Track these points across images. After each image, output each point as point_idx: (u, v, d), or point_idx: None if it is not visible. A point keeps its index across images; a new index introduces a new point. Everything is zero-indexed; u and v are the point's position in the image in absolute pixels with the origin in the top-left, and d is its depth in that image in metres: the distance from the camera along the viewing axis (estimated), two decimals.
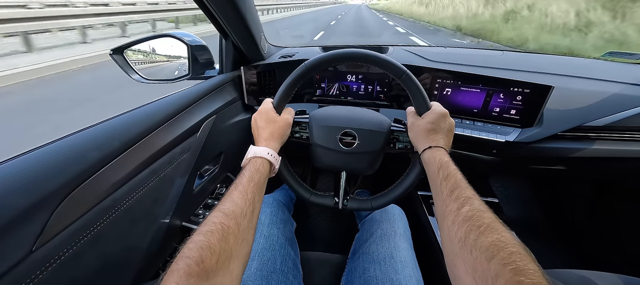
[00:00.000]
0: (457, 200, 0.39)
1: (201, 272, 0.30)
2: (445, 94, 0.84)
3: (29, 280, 0.36)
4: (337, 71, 0.92)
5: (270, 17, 17.07)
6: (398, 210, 0.79)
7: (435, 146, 0.51)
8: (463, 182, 0.42)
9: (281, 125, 0.58)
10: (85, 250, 0.44)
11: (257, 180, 0.47)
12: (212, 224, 0.36)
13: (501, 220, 0.34)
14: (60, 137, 0.46)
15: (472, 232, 0.33)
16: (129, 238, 0.55)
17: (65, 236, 0.41)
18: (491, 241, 0.30)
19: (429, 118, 0.54)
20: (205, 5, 0.67)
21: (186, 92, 0.71)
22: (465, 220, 0.35)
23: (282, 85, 0.59)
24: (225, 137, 0.86)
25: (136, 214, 0.55)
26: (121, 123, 0.53)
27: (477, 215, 0.34)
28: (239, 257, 0.37)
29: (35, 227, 0.37)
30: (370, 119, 0.65)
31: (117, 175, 0.49)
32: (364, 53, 0.56)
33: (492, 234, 0.31)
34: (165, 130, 0.60)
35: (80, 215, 0.43)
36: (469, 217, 0.35)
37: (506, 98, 0.79)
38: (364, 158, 0.65)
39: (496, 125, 0.83)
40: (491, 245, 0.30)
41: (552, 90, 0.73)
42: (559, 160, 0.87)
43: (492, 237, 0.31)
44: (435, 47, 1.12)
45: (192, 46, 0.83)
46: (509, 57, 1.01)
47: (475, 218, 0.34)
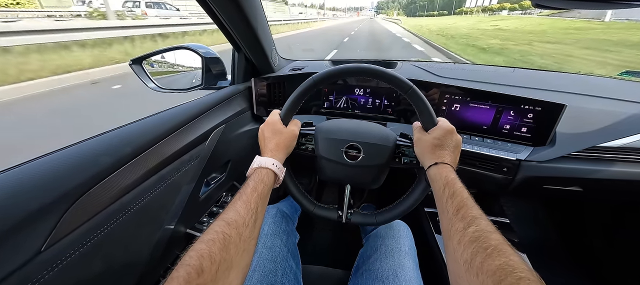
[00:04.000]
0: (463, 219, 0.38)
1: (201, 282, 0.30)
2: (454, 109, 0.83)
3: (36, 279, 0.37)
4: (345, 84, 0.93)
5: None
6: (404, 226, 0.78)
7: (441, 162, 0.50)
8: (470, 201, 0.41)
9: (287, 137, 0.59)
10: (91, 253, 0.45)
11: (260, 191, 0.47)
12: (214, 233, 0.36)
13: (509, 243, 0.33)
14: (76, 142, 0.48)
15: (479, 254, 0.32)
16: (134, 242, 0.56)
17: (74, 238, 0.42)
18: (498, 265, 0.29)
19: (435, 134, 0.54)
20: (219, 19, 0.70)
21: (198, 102, 0.73)
22: (471, 241, 0.34)
23: (290, 98, 0.60)
24: (234, 146, 0.88)
25: (143, 219, 0.56)
26: (134, 130, 0.55)
27: (484, 237, 0.34)
28: (239, 268, 0.37)
29: (46, 227, 0.38)
30: (375, 133, 0.65)
31: (127, 180, 0.50)
32: (371, 68, 0.57)
33: (499, 257, 0.30)
34: (175, 137, 0.62)
35: (89, 217, 0.44)
36: (476, 238, 0.34)
37: (517, 115, 0.77)
38: (368, 172, 0.64)
39: (506, 142, 0.81)
40: (498, 269, 0.29)
41: (564, 108, 0.71)
42: (573, 180, 0.83)
43: (499, 260, 0.30)
44: (444, 63, 1.12)
45: (206, 58, 0.87)
46: (519, 74, 0.99)
47: (482, 239, 0.33)
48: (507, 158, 0.78)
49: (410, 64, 1.07)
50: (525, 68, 1.08)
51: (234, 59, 0.93)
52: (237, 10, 0.67)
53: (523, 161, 0.78)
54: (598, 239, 1.17)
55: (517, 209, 1.29)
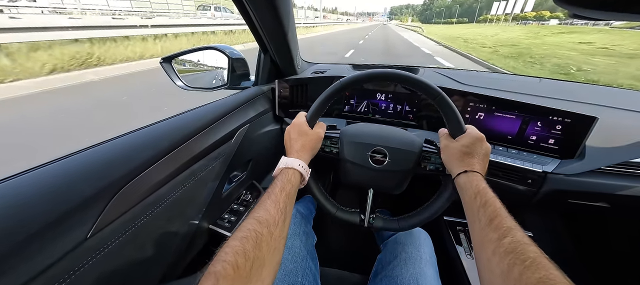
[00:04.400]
0: (497, 229, 0.37)
1: (237, 277, 0.31)
2: (478, 118, 0.82)
3: (81, 265, 0.39)
4: (367, 88, 0.93)
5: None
6: (424, 234, 0.77)
7: (470, 171, 0.49)
8: (503, 211, 0.40)
9: (313, 139, 0.59)
10: (128, 243, 0.47)
11: (288, 190, 0.47)
12: (247, 231, 0.37)
13: (547, 256, 0.32)
14: (122, 134, 0.50)
15: (516, 266, 0.31)
16: (163, 235, 0.58)
17: (115, 227, 0.44)
18: (539, 278, 0.29)
19: (464, 141, 0.53)
20: (252, 21, 0.72)
21: (225, 101, 0.76)
22: (507, 252, 0.33)
23: (317, 100, 0.61)
24: (255, 146, 0.90)
25: (173, 212, 0.58)
26: (171, 125, 0.58)
27: (522, 248, 0.33)
28: (271, 266, 0.38)
29: (93, 215, 0.40)
30: (401, 138, 0.65)
31: (162, 174, 0.52)
32: (399, 74, 0.57)
33: (539, 270, 0.30)
34: (205, 135, 0.64)
35: (129, 208, 0.46)
36: (512, 249, 0.33)
37: (544, 126, 0.76)
38: (393, 177, 0.64)
39: (532, 153, 0.80)
40: (539, 283, 0.28)
41: (596, 121, 0.69)
42: (601, 196, 0.80)
43: (539, 273, 0.29)
44: (468, 70, 1.11)
45: (232, 58, 0.89)
46: (547, 85, 0.97)
47: (519, 251, 0.33)
48: (533, 169, 0.76)
49: (433, 71, 1.06)
50: (552, 79, 1.05)
51: (259, 60, 0.95)
52: (272, 14, 0.69)
53: (549, 173, 0.76)
54: (623, 258, 1.12)
55: (540, 222, 1.25)
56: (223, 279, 0.30)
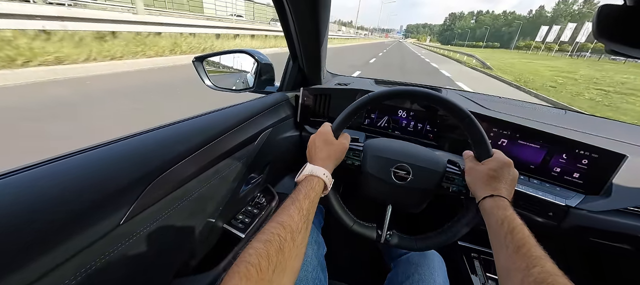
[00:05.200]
0: (526, 258, 0.36)
1: (259, 280, 0.31)
2: (500, 144, 0.82)
3: (112, 250, 0.40)
4: (389, 104, 0.94)
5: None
6: (438, 257, 0.75)
7: (497, 195, 0.49)
8: (531, 239, 0.39)
9: (338, 149, 0.60)
10: (153, 232, 0.48)
11: (312, 198, 0.48)
12: (270, 234, 0.37)
13: None
14: (157, 127, 0.52)
15: None
16: (184, 229, 0.58)
17: (145, 216, 0.45)
18: None
19: (491, 165, 0.53)
20: (289, 29, 0.74)
21: (252, 104, 0.78)
22: (536, 283, 0.33)
23: (344, 112, 0.62)
24: (274, 150, 0.91)
25: (195, 207, 0.59)
26: (202, 122, 0.59)
27: (552, 280, 0.32)
28: (292, 272, 0.38)
29: (127, 202, 0.42)
30: (426, 157, 0.65)
31: (191, 169, 0.54)
32: (429, 93, 0.58)
33: None
34: (233, 135, 0.66)
35: (159, 199, 0.47)
36: (542, 280, 0.33)
37: (569, 159, 0.74)
38: (414, 195, 0.64)
39: (555, 186, 0.78)
40: None
41: (625, 159, 0.68)
42: (625, 237, 0.77)
43: None
44: (491, 95, 1.10)
45: (261, 63, 0.92)
46: (572, 118, 0.96)
47: (549, 282, 0.32)
48: (555, 202, 0.74)
49: (455, 92, 1.07)
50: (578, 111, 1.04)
51: (287, 66, 0.98)
52: (311, 22, 0.71)
53: (572, 208, 0.74)
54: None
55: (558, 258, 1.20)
56: (246, 279, 0.30)
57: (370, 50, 22.31)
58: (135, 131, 0.50)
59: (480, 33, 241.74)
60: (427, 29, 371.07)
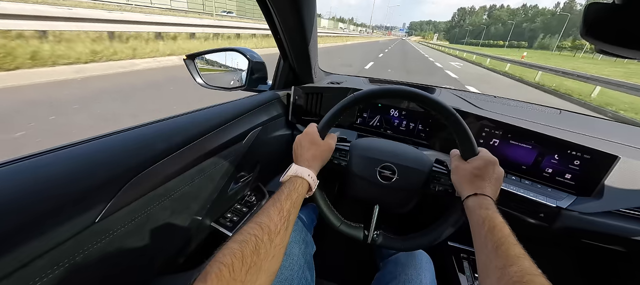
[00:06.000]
0: (504, 257, 0.36)
1: (231, 280, 0.31)
2: (492, 144, 0.81)
3: (86, 248, 0.40)
4: (381, 103, 0.94)
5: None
6: (426, 257, 0.75)
7: (481, 194, 0.48)
8: (511, 238, 0.39)
9: (324, 150, 0.59)
10: (133, 231, 0.48)
11: (294, 199, 0.47)
12: (247, 235, 0.37)
13: None
14: (138, 125, 0.52)
15: None
16: (166, 227, 0.58)
17: (123, 214, 0.45)
18: None
19: (475, 164, 0.52)
20: (276, 27, 0.74)
21: (241, 102, 0.77)
22: (513, 282, 0.32)
23: (329, 112, 0.61)
24: (265, 149, 0.91)
25: (178, 206, 0.59)
26: (185, 121, 0.59)
27: (529, 279, 0.32)
28: (268, 273, 0.37)
29: (102, 201, 0.42)
30: (412, 156, 0.64)
31: (173, 167, 0.53)
32: (413, 91, 0.57)
33: None
34: (219, 133, 0.65)
35: (138, 197, 0.47)
36: (518, 279, 0.32)
37: (561, 160, 0.73)
38: (400, 194, 0.64)
39: (546, 187, 0.77)
40: None
41: (617, 160, 0.67)
42: (617, 239, 0.76)
43: None
44: (485, 95, 1.09)
45: (252, 61, 0.92)
46: (566, 118, 0.94)
47: (525, 282, 0.31)
48: (547, 203, 0.74)
49: (449, 92, 1.05)
50: (572, 112, 1.02)
51: (278, 65, 0.97)
52: (295, 20, 0.70)
53: (564, 209, 0.73)
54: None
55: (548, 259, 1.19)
56: (217, 280, 0.30)
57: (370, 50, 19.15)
58: (115, 129, 0.50)
59: (495, 30, 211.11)
60: (431, 26, 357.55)
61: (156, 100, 3.57)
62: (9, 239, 0.31)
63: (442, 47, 46.17)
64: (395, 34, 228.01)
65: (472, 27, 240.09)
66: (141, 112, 3.04)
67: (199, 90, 1.02)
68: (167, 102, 3.46)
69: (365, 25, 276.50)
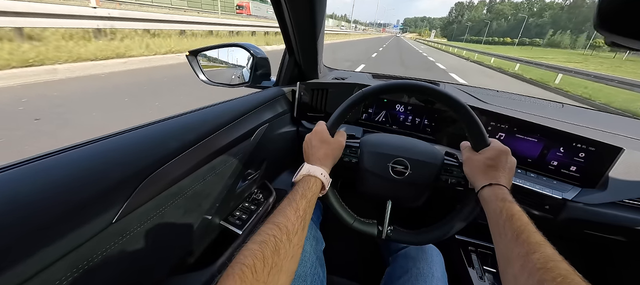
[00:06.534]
0: (525, 244, 0.36)
1: (254, 281, 0.31)
2: (498, 138, 0.82)
3: (105, 249, 0.39)
4: (386, 99, 0.93)
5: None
6: (436, 251, 0.75)
7: (495, 184, 0.48)
8: (531, 226, 0.39)
9: (335, 147, 0.59)
10: (148, 230, 0.47)
11: (309, 198, 0.47)
12: (266, 236, 0.36)
13: (580, 275, 0.31)
14: (150, 123, 0.51)
15: (547, 283, 0.30)
16: (179, 226, 0.58)
17: (138, 214, 0.44)
18: None
19: (488, 154, 0.52)
20: (285, 22, 0.72)
21: (248, 99, 0.76)
22: (537, 269, 0.32)
23: (338, 109, 0.60)
24: (270, 146, 0.90)
25: (190, 204, 0.58)
26: (196, 118, 0.58)
27: (553, 265, 0.32)
28: (288, 273, 0.37)
29: (120, 200, 0.41)
30: (423, 150, 0.64)
31: (186, 166, 0.52)
32: (421, 85, 0.57)
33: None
34: (228, 130, 0.64)
35: (153, 196, 0.46)
36: (542, 266, 0.32)
37: (566, 153, 0.74)
38: (413, 189, 0.64)
39: (552, 179, 0.78)
40: None
41: (622, 152, 0.68)
42: (619, 229, 0.78)
43: None
44: (488, 89, 1.10)
45: (256, 57, 0.90)
46: (569, 111, 0.96)
47: (550, 267, 0.31)
48: (552, 196, 0.75)
49: (453, 87, 1.06)
50: (575, 105, 1.04)
51: (283, 61, 0.96)
52: (307, 15, 0.69)
53: (569, 201, 0.74)
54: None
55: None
56: (240, 281, 0.30)
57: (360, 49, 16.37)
58: (127, 128, 0.48)
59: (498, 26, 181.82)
60: (426, 23, 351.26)
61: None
62: (30, 241, 0.31)
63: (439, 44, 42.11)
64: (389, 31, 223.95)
65: (471, 22, 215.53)
66: None
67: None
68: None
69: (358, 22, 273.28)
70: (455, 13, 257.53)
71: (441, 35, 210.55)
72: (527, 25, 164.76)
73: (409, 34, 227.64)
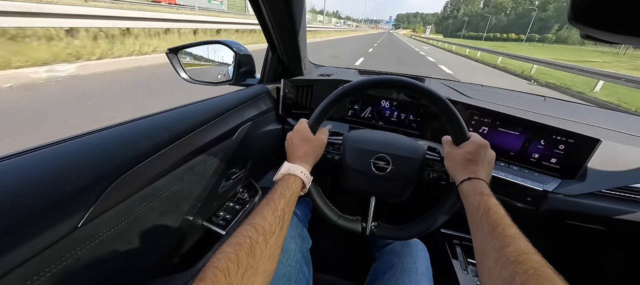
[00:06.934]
0: (500, 238, 0.36)
1: (227, 284, 0.30)
2: (481, 132, 0.82)
3: (69, 255, 0.38)
4: (371, 95, 0.93)
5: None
6: (421, 245, 0.76)
7: (474, 178, 0.49)
8: (507, 219, 0.40)
9: (316, 145, 0.59)
10: (120, 234, 0.46)
11: (288, 197, 0.47)
12: (242, 237, 0.36)
13: (552, 266, 0.31)
14: (120, 123, 0.49)
15: (519, 276, 0.30)
16: (157, 229, 0.56)
17: (107, 217, 0.43)
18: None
19: (468, 148, 0.53)
20: (264, 19, 0.71)
21: (229, 97, 0.75)
22: (510, 262, 0.33)
23: (319, 106, 0.60)
24: (255, 145, 0.89)
25: (168, 206, 0.56)
26: (170, 117, 0.56)
27: (525, 258, 0.32)
28: (265, 274, 0.37)
29: (85, 204, 0.39)
30: (405, 145, 0.64)
31: (161, 166, 0.51)
32: (404, 80, 0.56)
33: (541, 281, 0.29)
34: (207, 129, 0.63)
35: (124, 199, 0.45)
36: (515, 259, 0.32)
37: (547, 145, 0.76)
38: (395, 184, 0.64)
39: (533, 171, 0.79)
40: None
41: (599, 143, 0.69)
42: (598, 219, 0.80)
43: (541, 283, 0.29)
44: (473, 84, 1.11)
45: (239, 54, 0.89)
46: (551, 104, 0.97)
47: (522, 260, 0.32)
48: (533, 187, 0.76)
49: (439, 82, 1.06)
50: (556, 98, 1.06)
51: (266, 58, 0.94)
52: (284, 11, 0.68)
53: (550, 193, 0.75)
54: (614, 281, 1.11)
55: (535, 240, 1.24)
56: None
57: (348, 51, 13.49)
58: (96, 128, 0.46)
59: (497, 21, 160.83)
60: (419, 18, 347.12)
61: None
62: None
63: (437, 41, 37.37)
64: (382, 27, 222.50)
65: (468, 17, 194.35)
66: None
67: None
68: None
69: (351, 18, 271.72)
70: (451, 8, 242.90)
71: (436, 32, 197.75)
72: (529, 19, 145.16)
73: (402, 30, 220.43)
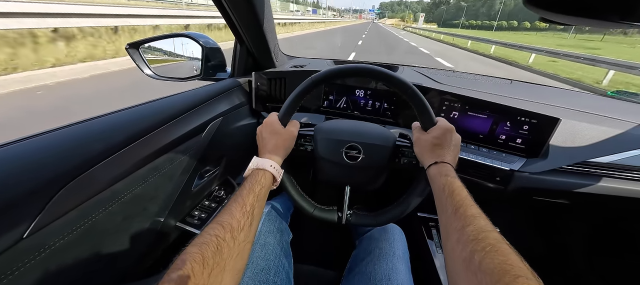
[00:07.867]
0: (462, 218, 0.38)
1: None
2: (452, 117, 0.84)
3: (16, 268, 0.35)
4: (346, 85, 0.93)
5: None
6: (398, 230, 0.78)
7: (440, 161, 0.50)
8: (468, 200, 0.41)
9: (286, 138, 0.58)
10: (76, 242, 0.43)
11: (257, 192, 0.46)
12: (208, 236, 0.35)
13: (508, 242, 0.32)
14: (67, 125, 0.46)
15: (477, 253, 0.32)
16: (122, 233, 0.54)
17: (59, 225, 0.40)
18: (497, 263, 0.29)
19: (434, 133, 0.54)
20: (226, 11, 0.68)
21: (196, 92, 0.72)
22: (470, 240, 0.34)
23: (288, 98, 0.59)
24: (229, 140, 0.86)
25: (132, 209, 0.54)
26: (127, 117, 0.53)
27: (483, 236, 0.33)
28: (234, 271, 0.36)
29: (31, 213, 0.36)
30: (375, 133, 0.65)
31: (119, 169, 0.48)
32: (371, 68, 0.56)
33: (498, 256, 0.30)
34: (171, 127, 0.60)
35: (77, 204, 0.42)
36: (474, 237, 0.34)
37: (513, 126, 0.79)
38: (368, 172, 0.64)
39: (501, 152, 0.83)
40: (497, 268, 0.29)
41: (559, 122, 0.73)
42: (562, 193, 0.86)
43: (498, 259, 0.30)
44: (445, 70, 1.13)
45: (206, 48, 0.85)
46: (517, 87, 1.01)
47: (480, 238, 0.33)
48: (501, 168, 0.79)
49: (412, 69, 1.08)
50: (522, 81, 1.10)
51: (235, 51, 0.91)
52: (246, 2, 0.66)
53: (516, 172, 0.79)
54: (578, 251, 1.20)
55: (507, 217, 1.32)
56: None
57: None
58: (40, 131, 0.43)
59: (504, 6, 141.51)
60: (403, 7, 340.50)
61: None
62: None
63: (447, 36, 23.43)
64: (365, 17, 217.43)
65: (465, 2, 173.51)
66: None
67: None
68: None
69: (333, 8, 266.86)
70: None
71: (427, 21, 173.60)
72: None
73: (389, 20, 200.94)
